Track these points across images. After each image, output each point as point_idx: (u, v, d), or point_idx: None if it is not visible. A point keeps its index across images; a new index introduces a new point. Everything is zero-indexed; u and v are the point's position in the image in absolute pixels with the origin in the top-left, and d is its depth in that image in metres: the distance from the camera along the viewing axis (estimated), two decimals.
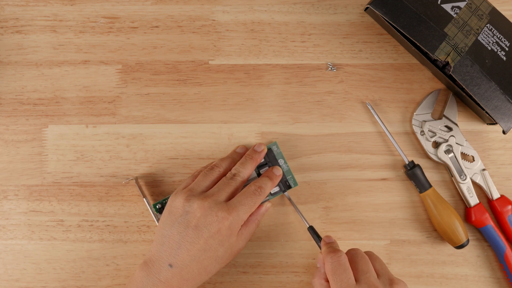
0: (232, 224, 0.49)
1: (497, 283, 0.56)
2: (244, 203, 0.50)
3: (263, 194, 0.51)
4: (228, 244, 0.49)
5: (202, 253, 0.48)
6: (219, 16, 0.58)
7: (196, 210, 0.49)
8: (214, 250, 0.49)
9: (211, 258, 0.49)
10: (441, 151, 0.56)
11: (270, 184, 0.53)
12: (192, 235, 0.48)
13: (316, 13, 0.58)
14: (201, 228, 0.48)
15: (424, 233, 0.57)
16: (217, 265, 0.50)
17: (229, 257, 0.51)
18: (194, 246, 0.48)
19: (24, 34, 0.58)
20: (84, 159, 0.57)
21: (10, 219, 0.56)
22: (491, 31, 0.53)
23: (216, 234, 0.48)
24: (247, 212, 0.50)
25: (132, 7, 0.58)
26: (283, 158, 0.56)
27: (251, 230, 0.52)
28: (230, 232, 0.49)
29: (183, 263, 0.48)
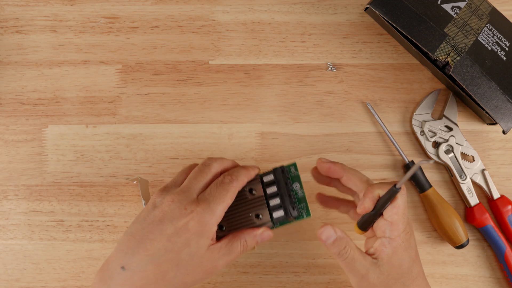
0: (203, 218, 0.41)
1: (497, 283, 0.56)
2: (215, 194, 0.43)
3: (236, 183, 0.44)
4: (196, 247, 0.41)
5: (163, 254, 0.41)
6: (219, 16, 0.58)
7: (165, 204, 0.42)
8: (176, 251, 0.41)
9: (172, 262, 0.41)
10: (441, 151, 0.56)
11: (243, 173, 0.45)
12: (155, 231, 0.41)
13: (316, 13, 0.58)
14: (166, 223, 0.41)
15: (424, 233, 0.57)
16: (178, 274, 0.41)
17: (196, 269, 0.42)
18: (154, 244, 0.41)
19: (24, 34, 0.58)
20: (84, 159, 0.57)
21: (10, 219, 0.56)
22: (491, 31, 0.53)
23: (182, 230, 0.41)
24: (219, 203, 0.42)
25: (132, 7, 0.58)
26: (299, 182, 0.48)
27: (234, 250, 0.44)
28: (200, 229, 0.41)
29: (138, 265, 0.41)
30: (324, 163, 0.48)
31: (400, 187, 0.41)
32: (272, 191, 0.47)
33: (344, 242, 0.44)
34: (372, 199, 0.43)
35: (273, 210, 0.46)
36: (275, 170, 0.47)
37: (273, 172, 0.47)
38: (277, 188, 0.47)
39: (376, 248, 0.44)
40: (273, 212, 0.46)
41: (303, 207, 0.47)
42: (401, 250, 0.44)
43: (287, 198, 0.46)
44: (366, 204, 0.44)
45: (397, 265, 0.44)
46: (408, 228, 0.45)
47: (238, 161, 0.56)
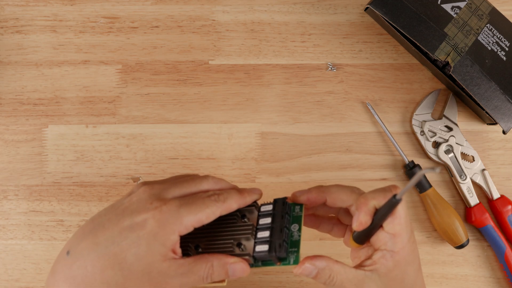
0: (164, 220, 0.36)
1: (497, 283, 0.56)
2: (191, 202, 0.38)
3: (220, 204, 0.39)
4: (145, 249, 0.36)
5: (108, 246, 0.36)
6: (219, 16, 0.58)
7: (135, 194, 0.39)
8: (123, 248, 0.36)
9: (115, 259, 0.36)
10: (441, 151, 0.56)
11: (235, 198, 0.40)
12: (111, 220, 0.37)
13: (316, 13, 0.58)
14: (126, 214, 0.37)
15: (424, 233, 0.57)
16: (118, 275, 0.36)
17: (139, 277, 0.36)
18: (104, 233, 0.37)
19: (24, 34, 0.58)
20: (84, 159, 0.57)
21: (10, 219, 0.56)
22: (491, 31, 0.53)
23: (137, 226, 0.36)
24: (189, 213, 0.37)
25: (132, 7, 0.58)
26: (299, 225, 0.41)
27: (195, 272, 0.37)
28: (156, 231, 0.36)
29: (81, 252, 0.37)
30: (299, 196, 0.42)
31: (401, 198, 0.36)
32: (265, 222, 0.40)
33: (327, 272, 0.39)
34: (368, 212, 0.38)
35: (258, 243, 0.39)
36: (276, 201, 0.42)
37: (273, 204, 0.41)
38: (270, 221, 0.40)
39: (375, 260, 0.39)
40: (257, 245, 0.39)
41: (293, 252, 0.40)
42: (404, 264, 0.39)
43: (278, 234, 0.39)
44: (362, 218, 0.39)
45: (399, 280, 0.39)
46: (412, 238, 0.40)
47: (238, 161, 0.57)
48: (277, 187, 0.57)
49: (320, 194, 0.41)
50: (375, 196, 0.39)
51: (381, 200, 0.38)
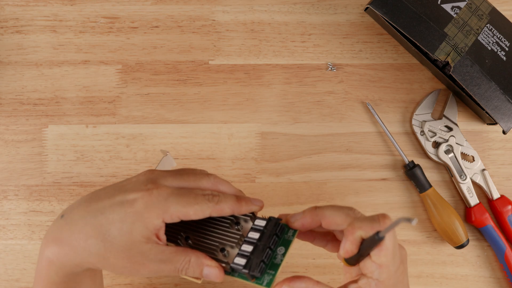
0: (152, 203, 0.38)
1: (497, 283, 0.56)
2: (183, 195, 0.38)
3: (211, 204, 0.39)
4: (129, 227, 0.37)
5: (96, 216, 0.38)
6: (219, 16, 0.58)
7: (136, 177, 0.41)
8: (109, 221, 0.37)
9: (100, 229, 0.37)
10: (441, 151, 0.56)
11: (230, 203, 0.40)
12: (108, 193, 0.39)
13: (316, 13, 0.58)
14: (121, 191, 0.39)
15: (424, 233, 0.57)
16: (100, 245, 0.37)
17: (119, 251, 0.37)
18: (97, 203, 0.39)
19: (24, 34, 0.58)
20: (84, 159, 0.57)
21: (10, 219, 0.56)
22: (491, 31, 0.53)
23: (126, 203, 0.38)
24: (178, 204, 0.38)
25: (132, 7, 0.58)
26: (286, 249, 0.41)
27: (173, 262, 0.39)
28: (142, 212, 0.37)
29: (72, 217, 0.39)
30: (293, 222, 0.41)
31: (384, 236, 0.35)
32: (253, 237, 0.40)
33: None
34: (354, 242, 0.38)
35: (239, 255, 0.40)
36: (270, 219, 0.41)
37: (267, 221, 0.41)
38: (258, 237, 0.40)
39: (360, 286, 0.38)
40: (237, 257, 0.40)
41: (269, 274, 0.39)
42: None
43: (259, 252, 0.39)
44: (348, 247, 0.38)
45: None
46: (402, 267, 0.39)
47: (238, 161, 0.57)
48: (277, 187, 0.57)
49: (315, 218, 0.40)
50: (362, 226, 0.38)
51: (368, 231, 0.37)
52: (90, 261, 0.38)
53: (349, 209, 0.40)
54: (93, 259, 0.38)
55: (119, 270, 0.39)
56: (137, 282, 0.56)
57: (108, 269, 0.39)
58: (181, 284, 0.56)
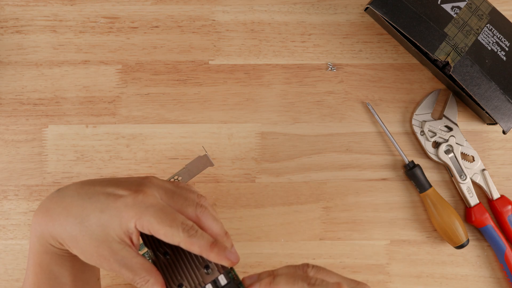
0: (131, 205, 0.38)
1: (497, 283, 0.56)
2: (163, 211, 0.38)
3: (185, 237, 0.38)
4: (106, 220, 0.38)
5: (85, 199, 0.39)
6: (219, 16, 0.58)
7: (137, 176, 0.42)
8: (91, 207, 0.39)
9: (81, 211, 0.39)
10: (441, 151, 0.56)
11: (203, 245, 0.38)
12: (103, 183, 0.40)
13: (316, 13, 0.58)
14: (115, 184, 0.40)
15: (424, 233, 0.57)
16: (75, 226, 0.38)
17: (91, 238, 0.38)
18: (89, 188, 0.40)
19: (24, 34, 0.58)
20: (84, 159, 0.57)
21: (10, 219, 0.56)
22: (491, 31, 0.53)
23: (113, 196, 0.39)
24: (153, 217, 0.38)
25: (132, 7, 0.58)
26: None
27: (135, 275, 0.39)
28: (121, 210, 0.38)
29: (63, 194, 0.40)
30: (249, 286, 0.40)
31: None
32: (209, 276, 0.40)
33: None
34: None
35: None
36: (229, 282, 0.40)
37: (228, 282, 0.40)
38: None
39: None
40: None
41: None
42: None
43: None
44: None
45: None
46: None
47: (238, 161, 0.57)
48: (277, 187, 0.57)
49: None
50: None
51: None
52: (63, 237, 0.39)
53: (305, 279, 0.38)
54: (66, 237, 0.39)
55: (86, 256, 0.39)
56: None
57: (76, 251, 0.39)
58: None
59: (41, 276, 0.42)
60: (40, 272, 0.42)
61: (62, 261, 0.42)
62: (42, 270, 0.42)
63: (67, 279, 0.43)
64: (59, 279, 0.43)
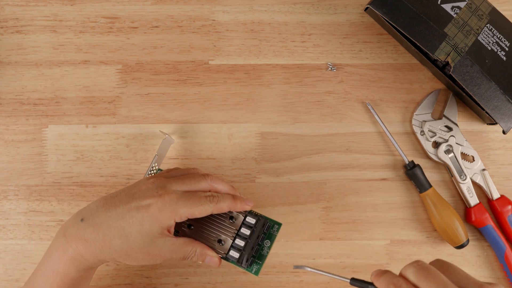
0: (164, 208, 0.45)
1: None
2: (189, 198, 0.46)
3: (213, 205, 0.47)
4: (148, 228, 0.45)
5: (117, 220, 0.44)
6: (219, 16, 0.58)
7: (145, 184, 0.47)
8: (129, 224, 0.44)
9: (122, 232, 0.44)
10: (441, 151, 0.56)
11: (228, 202, 0.48)
12: (122, 200, 0.45)
13: (316, 13, 0.58)
14: (135, 197, 0.45)
15: (424, 233, 0.57)
16: (124, 244, 0.44)
17: (140, 248, 0.45)
18: (116, 209, 0.45)
19: (24, 34, 0.58)
20: (84, 159, 0.57)
21: (10, 219, 0.56)
22: (491, 31, 0.53)
23: (142, 208, 0.45)
24: (185, 206, 0.45)
25: (132, 7, 0.58)
26: (271, 242, 0.51)
27: (182, 252, 0.47)
28: (157, 215, 0.45)
29: (93, 221, 0.45)
30: None
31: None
32: (245, 233, 0.49)
33: None
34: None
35: (233, 248, 0.49)
36: (259, 218, 0.50)
37: (257, 219, 0.49)
38: (249, 234, 0.49)
39: None
40: (232, 249, 0.49)
41: (257, 263, 0.50)
42: None
43: (250, 248, 0.49)
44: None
45: None
46: None
47: (238, 161, 0.57)
48: (277, 187, 0.57)
49: None
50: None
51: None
52: (114, 257, 0.45)
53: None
54: (117, 255, 0.45)
55: (139, 262, 0.46)
56: (137, 282, 0.56)
57: (128, 261, 0.46)
58: (181, 284, 0.56)
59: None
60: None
61: (89, 274, 0.48)
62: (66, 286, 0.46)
63: (85, 285, 0.49)
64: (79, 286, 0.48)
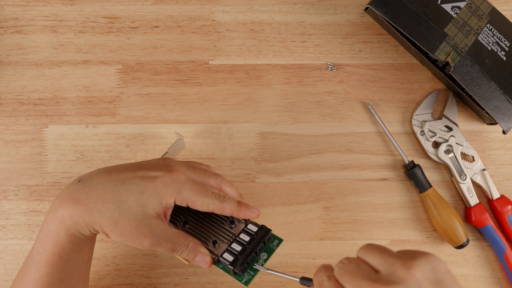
0: (171, 183, 0.43)
1: (497, 283, 0.56)
2: (197, 185, 0.44)
3: (218, 203, 0.44)
4: (145, 200, 0.42)
5: (118, 184, 0.42)
6: (219, 16, 0.58)
7: (155, 160, 0.46)
8: (128, 191, 0.42)
9: (119, 196, 0.41)
10: (441, 151, 0.56)
11: (232, 207, 0.45)
12: (127, 168, 0.44)
13: (316, 13, 0.58)
14: (142, 168, 0.44)
15: (424, 233, 0.57)
16: (115, 211, 0.41)
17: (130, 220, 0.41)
18: (118, 174, 0.43)
19: (24, 34, 0.58)
20: (84, 159, 0.57)
21: (10, 219, 0.56)
22: (491, 31, 0.53)
23: (148, 178, 0.42)
24: (190, 190, 0.43)
25: (132, 7, 0.58)
26: (268, 256, 0.46)
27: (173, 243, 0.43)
28: (160, 189, 0.42)
29: (91, 182, 0.42)
30: None
31: None
32: (243, 239, 0.46)
33: None
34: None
35: (228, 251, 0.45)
36: (261, 227, 0.47)
37: (259, 228, 0.47)
38: (248, 241, 0.46)
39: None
40: (226, 252, 0.45)
41: (249, 274, 0.45)
42: None
43: (246, 255, 0.45)
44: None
45: None
46: None
47: (238, 161, 0.57)
48: (277, 187, 0.57)
49: None
50: None
51: None
52: (101, 223, 0.42)
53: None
54: (105, 222, 0.41)
55: (125, 237, 0.42)
56: (137, 282, 0.56)
57: (115, 234, 0.42)
58: (181, 284, 0.56)
59: (57, 266, 0.43)
60: (57, 262, 0.43)
61: (81, 248, 0.44)
62: (60, 260, 0.43)
63: (80, 265, 0.45)
64: (73, 267, 0.45)
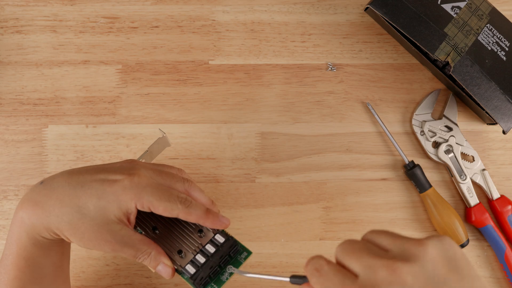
0: (130, 188, 0.40)
1: (497, 283, 0.56)
2: (159, 189, 0.41)
3: (182, 208, 0.41)
4: (104, 205, 0.40)
5: (77, 187, 0.40)
6: (219, 16, 0.58)
7: (120, 163, 0.44)
8: (87, 194, 0.40)
9: (77, 200, 0.40)
10: (441, 151, 0.56)
11: (199, 214, 0.42)
12: (89, 171, 0.42)
13: (316, 13, 0.58)
14: (104, 171, 0.42)
15: (424, 233, 0.57)
16: (74, 214, 0.39)
17: (91, 225, 0.40)
18: (79, 177, 0.41)
19: (24, 34, 0.58)
20: (84, 159, 0.57)
21: (10, 219, 0.56)
22: (491, 31, 0.53)
23: (107, 182, 0.40)
24: (152, 196, 0.41)
25: (132, 7, 0.58)
26: (235, 268, 0.44)
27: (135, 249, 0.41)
28: (120, 194, 0.40)
29: (51, 184, 0.41)
30: None
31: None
32: (209, 250, 0.43)
33: None
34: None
35: (192, 262, 0.43)
36: (228, 239, 0.44)
37: (226, 238, 0.43)
38: (212, 252, 0.43)
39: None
40: (189, 264, 0.43)
41: (212, 287, 0.43)
42: None
43: (208, 268, 0.42)
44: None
45: None
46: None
47: (238, 161, 0.57)
48: (277, 187, 0.57)
49: None
50: None
51: None
52: (60, 227, 0.40)
53: None
54: (64, 226, 0.40)
55: (86, 242, 0.40)
56: (137, 282, 0.56)
57: (75, 238, 0.40)
58: (181, 284, 0.56)
59: (24, 269, 0.42)
60: (24, 265, 0.42)
61: (47, 252, 0.43)
62: (27, 264, 0.42)
63: (50, 269, 0.44)
64: (43, 270, 0.43)
